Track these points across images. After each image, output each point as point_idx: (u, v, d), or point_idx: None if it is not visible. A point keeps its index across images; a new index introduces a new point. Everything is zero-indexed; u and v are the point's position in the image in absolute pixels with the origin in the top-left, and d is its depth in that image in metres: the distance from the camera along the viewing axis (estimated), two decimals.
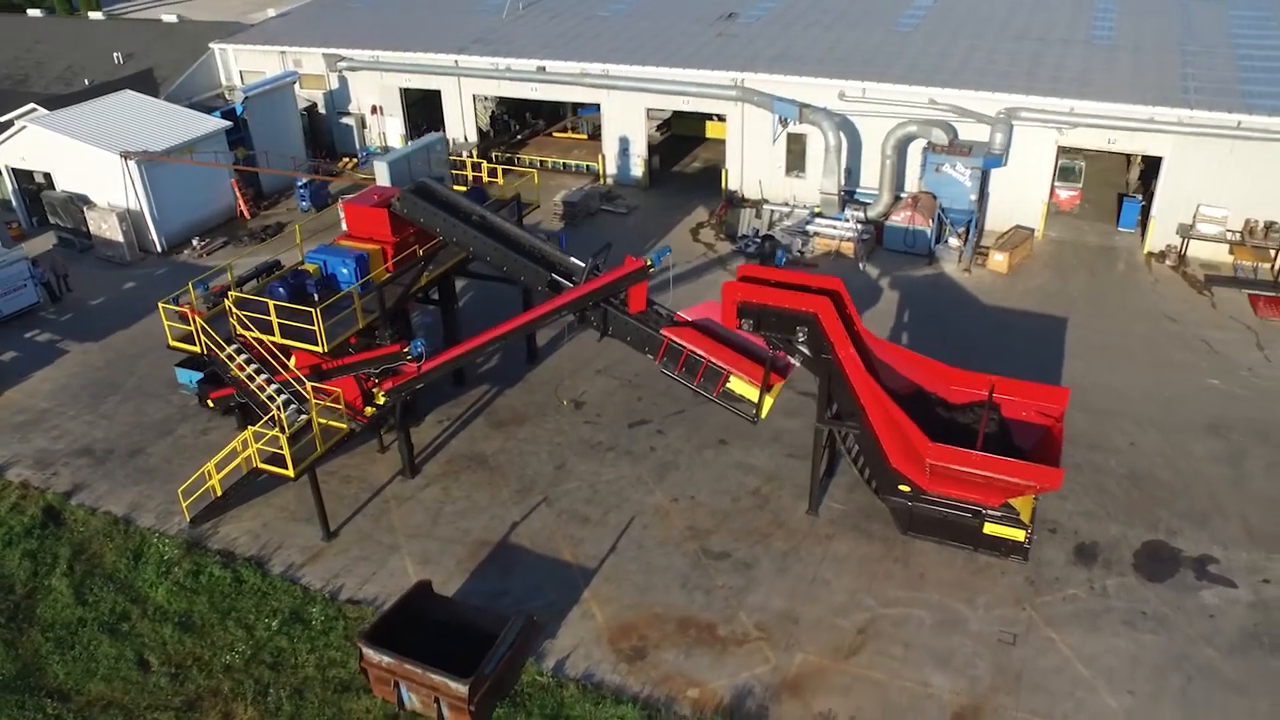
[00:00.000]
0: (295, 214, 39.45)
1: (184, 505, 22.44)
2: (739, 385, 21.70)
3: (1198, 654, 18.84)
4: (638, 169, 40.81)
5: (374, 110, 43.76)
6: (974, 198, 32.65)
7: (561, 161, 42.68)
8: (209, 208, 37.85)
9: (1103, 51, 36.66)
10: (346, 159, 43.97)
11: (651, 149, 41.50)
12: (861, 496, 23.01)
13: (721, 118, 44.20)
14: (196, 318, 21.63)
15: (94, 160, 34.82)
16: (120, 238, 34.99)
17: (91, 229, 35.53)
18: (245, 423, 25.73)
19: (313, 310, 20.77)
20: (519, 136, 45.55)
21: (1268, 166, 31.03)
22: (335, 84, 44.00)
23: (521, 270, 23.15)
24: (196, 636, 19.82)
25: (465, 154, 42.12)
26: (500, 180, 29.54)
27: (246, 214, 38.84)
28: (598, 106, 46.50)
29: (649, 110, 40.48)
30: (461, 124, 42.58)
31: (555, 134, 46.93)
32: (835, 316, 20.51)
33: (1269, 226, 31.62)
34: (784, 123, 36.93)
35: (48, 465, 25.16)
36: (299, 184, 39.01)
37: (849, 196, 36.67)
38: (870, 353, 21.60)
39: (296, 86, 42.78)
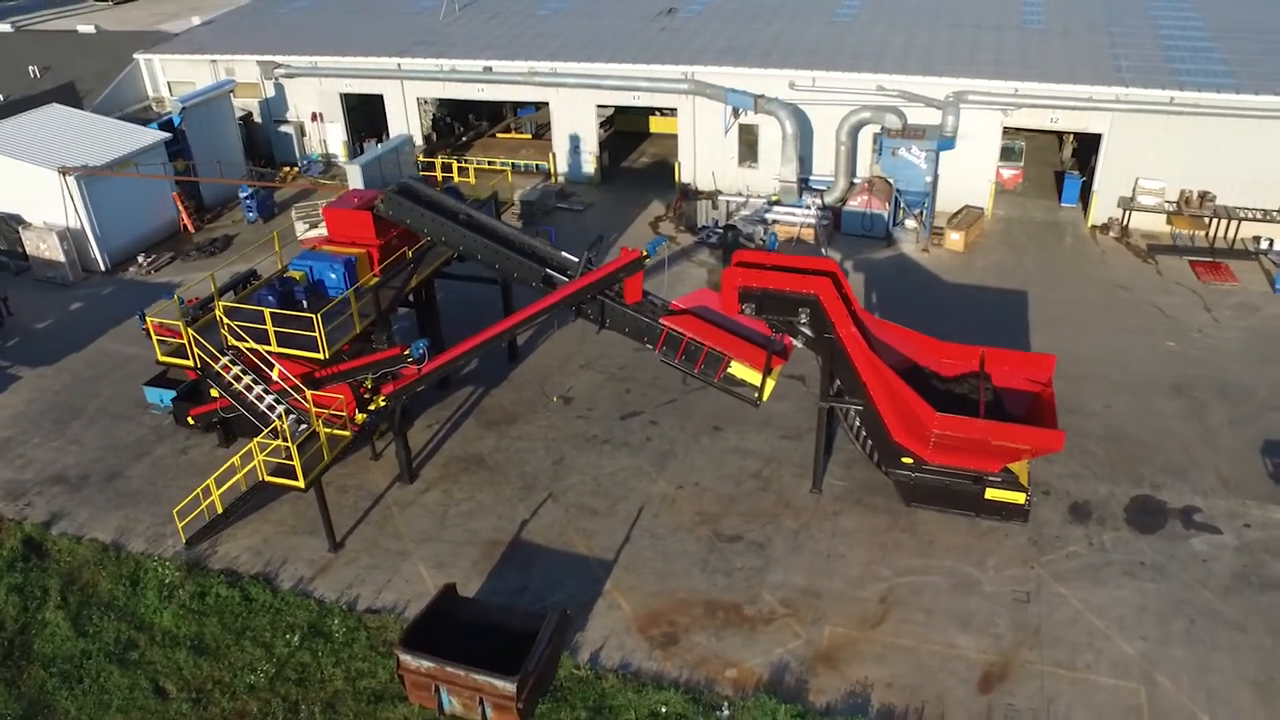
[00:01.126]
0: (241, 226, 38.31)
1: (180, 526, 21.64)
2: (740, 370, 21.95)
3: (1196, 598, 19.87)
4: (589, 166, 40.84)
5: (314, 117, 42.74)
6: (929, 180, 33.66)
7: (511, 162, 42.34)
8: (151, 223, 36.44)
9: (1035, 35, 38.19)
10: (287, 168, 42.82)
11: (600, 146, 41.60)
12: (861, 472, 23.56)
13: (665, 112, 44.82)
14: (190, 330, 20.85)
15: (28, 177, 33.16)
16: (61, 257, 33.44)
17: (28, 249, 33.87)
18: (227, 439, 25.05)
19: (314, 316, 20.24)
20: (463, 139, 45.09)
21: (1199, 139, 32.79)
22: (271, 92, 42.84)
23: (515, 267, 22.98)
24: (213, 659, 19.15)
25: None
26: (472, 180, 29.26)
27: (190, 227, 37.52)
28: (537, 107, 46.55)
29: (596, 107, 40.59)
30: (406, 127, 41.84)
31: (498, 135, 46.60)
32: (836, 297, 20.98)
33: (1203, 196, 33.42)
34: (737, 114, 37.46)
35: (19, 495, 23.94)
36: (244, 194, 37.88)
37: (804, 184, 37.35)
38: (868, 330, 22.13)
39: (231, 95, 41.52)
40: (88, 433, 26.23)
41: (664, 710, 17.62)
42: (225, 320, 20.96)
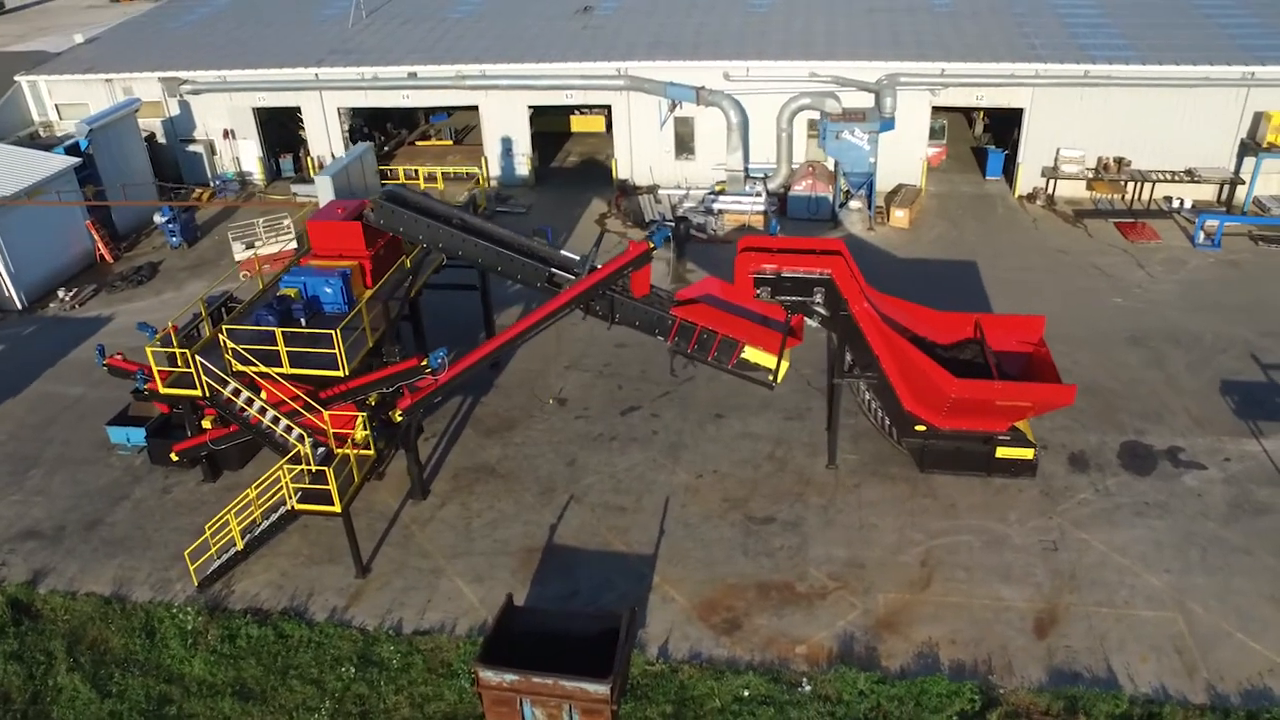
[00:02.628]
0: (164, 252, 36.09)
1: (191, 569, 20.30)
2: (753, 354, 22.18)
3: (1202, 529, 21.27)
4: (523, 168, 40.31)
5: (226, 134, 40.59)
6: (873, 160, 34.76)
7: (440, 170, 41.30)
8: (66, 255, 33.88)
9: (947, 18, 39.89)
10: (200, 189, 40.51)
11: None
12: (869, 444, 24.15)
13: (585, 110, 44.77)
14: (195, 357, 19.49)
15: None
16: None
17: None
18: (214, 474, 23.64)
19: (334, 332, 19.31)
20: (385, 148, 43.72)
21: (1112, 109, 35.12)
22: (176, 110, 40.44)
23: (519, 270, 22.48)
24: (261, 704, 17.99)
25: None
26: (440, 185, 28.42)
27: (109, 257, 35.05)
28: (449, 112, 45.82)
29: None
30: (327, 139, 40.34)
31: (419, 143, 45.41)
32: (849, 275, 21.47)
33: (1119, 162, 35.76)
34: (673, 107, 37.72)
35: None
36: (164, 218, 35.66)
37: (743, 172, 37.92)
38: (875, 305, 22.71)
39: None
40: (51, 482, 24.21)
41: (746, 694, 17.65)
42: (229, 344, 19.72)
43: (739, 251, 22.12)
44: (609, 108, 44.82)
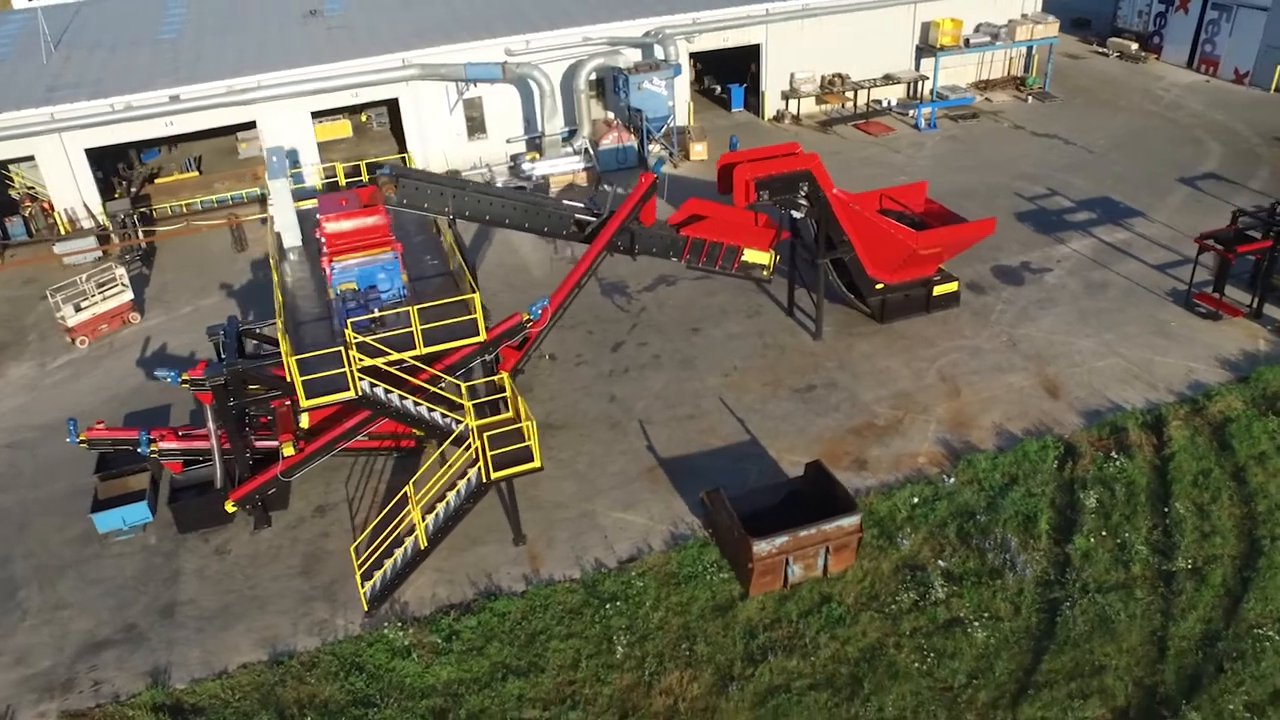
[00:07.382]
0: None
1: (362, 592, 18.79)
2: (750, 255, 25.35)
3: (1082, 304, 28.35)
4: (314, 178, 38.21)
5: None
6: (671, 104, 38.55)
7: (216, 197, 37.65)
8: None
9: None
10: None
11: None
12: (832, 316, 28.20)
13: (322, 119, 43.31)
14: (350, 354, 17.77)
15: None
16: None
17: None
18: (266, 517, 21.40)
19: (474, 296, 18.95)
20: (133, 190, 38.49)
21: (827, 34, 42.29)
22: None
23: (546, 220, 23.25)
24: (541, 673, 17.61)
25: (100, 222, 35.03)
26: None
27: None
28: (158, 149, 42.26)
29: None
30: (75, 186, 34.83)
31: (158, 180, 40.55)
32: (823, 168, 25.27)
33: (839, 77, 43.24)
34: (465, 89, 38.29)
35: (70, 685, 17.96)
36: None
37: (535, 140, 39.65)
38: None
39: None
40: (59, 593, 20.07)
41: (916, 500, 21.01)
42: (356, 338, 18.40)
43: (734, 166, 24.78)
44: (346, 112, 43.92)
